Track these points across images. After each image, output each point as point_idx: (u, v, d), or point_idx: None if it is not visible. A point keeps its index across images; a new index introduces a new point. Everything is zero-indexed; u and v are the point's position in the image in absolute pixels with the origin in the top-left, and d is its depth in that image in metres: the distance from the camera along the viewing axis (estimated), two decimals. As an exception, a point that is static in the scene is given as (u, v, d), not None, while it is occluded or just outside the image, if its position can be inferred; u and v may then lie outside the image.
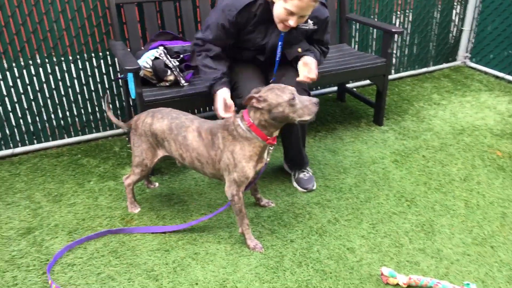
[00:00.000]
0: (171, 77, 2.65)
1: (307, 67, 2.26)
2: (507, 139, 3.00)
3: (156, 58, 2.63)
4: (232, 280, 1.92)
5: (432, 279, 1.84)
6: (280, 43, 2.32)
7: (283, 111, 1.85)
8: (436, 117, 3.34)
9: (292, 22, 2.13)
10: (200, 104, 2.81)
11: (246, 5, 2.20)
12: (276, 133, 1.97)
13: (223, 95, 2.23)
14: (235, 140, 1.93)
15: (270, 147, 2.00)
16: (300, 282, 1.91)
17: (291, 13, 2.10)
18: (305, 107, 1.87)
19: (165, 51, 2.69)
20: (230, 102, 2.21)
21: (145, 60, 2.63)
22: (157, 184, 2.57)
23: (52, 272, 1.96)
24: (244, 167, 1.93)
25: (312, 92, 3.73)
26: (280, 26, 2.22)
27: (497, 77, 4.01)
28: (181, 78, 2.66)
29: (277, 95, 1.84)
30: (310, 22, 2.31)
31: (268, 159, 2.05)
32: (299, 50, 2.38)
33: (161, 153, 2.17)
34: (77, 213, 2.34)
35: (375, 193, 2.49)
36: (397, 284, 1.86)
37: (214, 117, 2.25)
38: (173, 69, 2.65)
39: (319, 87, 3.78)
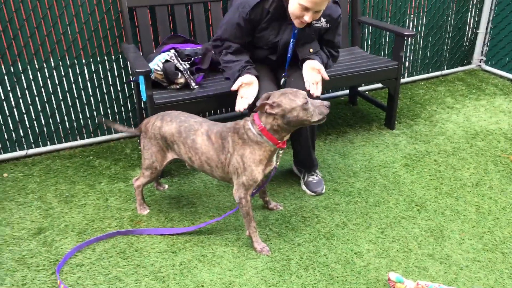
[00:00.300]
0: (182, 80, 2.66)
1: (315, 71, 2.26)
2: (522, 144, 2.95)
3: (167, 61, 2.66)
4: (238, 283, 1.92)
5: (440, 285, 1.81)
6: (292, 40, 2.33)
7: (298, 115, 1.86)
8: (449, 121, 3.30)
9: (307, 17, 2.14)
10: (210, 106, 2.81)
11: (259, 2, 2.21)
12: (286, 137, 1.97)
13: (241, 80, 2.26)
14: (245, 144, 1.93)
15: (280, 151, 2.01)
16: (306, 286, 1.90)
17: (306, 9, 2.11)
18: (318, 108, 1.91)
19: (176, 54, 2.71)
20: (249, 79, 2.24)
21: (156, 63, 2.66)
22: (166, 186, 2.59)
23: (60, 272, 1.99)
24: (253, 171, 1.94)
25: (323, 95, 3.72)
26: (296, 23, 2.23)
27: (513, 80, 3.94)
28: (192, 81, 2.68)
29: (291, 100, 1.85)
30: (323, 20, 2.31)
31: (278, 163, 2.06)
32: (311, 50, 2.38)
33: (170, 156, 2.19)
34: (87, 214, 2.37)
35: (384, 197, 2.47)
36: (405, 290, 1.84)
37: (225, 120, 2.26)
38: (183, 71, 2.66)
39: (330, 90, 3.76)
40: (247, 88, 2.28)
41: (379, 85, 3.88)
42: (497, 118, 3.31)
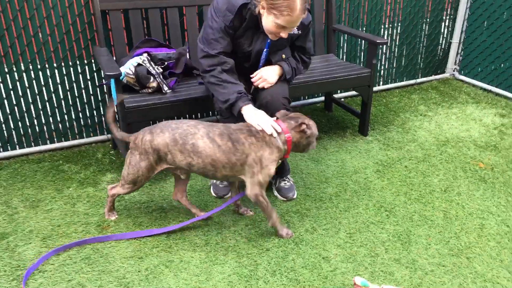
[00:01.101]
0: (154, 84, 2.65)
1: (269, 72, 2.36)
2: (491, 151, 3.00)
3: (139, 64, 2.64)
4: (204, 288, 1.90)
5: (405, 289, 1.82)
6: (266, 49, 2.34)
7: (313, 142, 2.20)
8: (421, 128, 3.34)
9: (283, 34, 2.16)
10: (183, 111, 2.79)
11: (239, 8, 2.20)
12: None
13: (258, 110, 2.19)
14: (266, 146, 2.06)
15: (280, 160, 2.18)
16: (272, 291, 1.89)
17: (282, 27, 2.12)
18: (314, 142, 2.22)
19: (149, 58, 2.69)
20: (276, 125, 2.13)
21: (128, 67, 2.64)
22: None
23: (22, 279, 1.94)
24: (270, 169, 2.08)
25: (299, 102, 3.74)
26: (271, 36, 2.24)
27: (484, 89, 4.02)
28: (164, 85, 2.67)
29: (315, 128, 2.19)
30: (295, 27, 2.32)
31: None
32: (283, 56, 2.41)
33: (159, 168, 2.13)
34: (53, 219, 2.32)
35: (355, 202, 2.48)
36: (370, 294, 1.84)
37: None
38: (156, 76, 2.65)
39: (306, 97, 3.79)
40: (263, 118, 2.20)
41: (355, 92, 3.92)
42: (468, 126, 3.37)
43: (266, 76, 2.36)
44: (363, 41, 3.76)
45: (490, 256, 2.08)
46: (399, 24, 3.91)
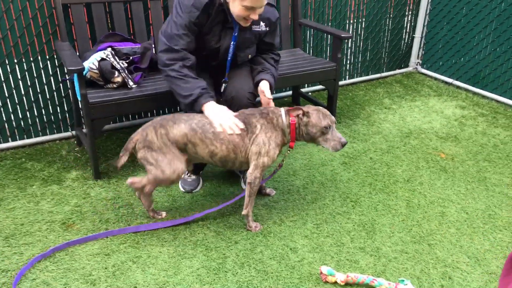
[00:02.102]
0: (119, 79, 2.61)
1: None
2: (451, 142, 3.11)
3: (102, 59, 2.59)
4: (172, 282, 1.90)
5: (369, 276, 1.87)
6: (233, 42, 2.31)
7: (315, 133, 2.12)
8: (386, 120, 3.42)
9: (254, 16, 2.16)
10: (149, 106, 2.77)
11: (205, 5, 2.18)
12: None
13: (221, 106, 2.18)
14: (273, 128, 2.11)
15: (288, 151, 2.24)
16: (241, 283, 1.91)
17: (251, 8, 2.12)
18: (333, 141, 2.12)
19: (113, 53, 2.65)
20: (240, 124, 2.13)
21: (92, 61, 2.59)
22: (164, 214, 2.34)
23: (-17, 279, 1.89)
24: (275, 153, 2.12)
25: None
26: (242, 23, 2.23)
27: (446, 82, 4.15)
28: (129, 80, 2.63)
29: (319, 118, 2.10)
30: (262, 24, 2.33)
31: (284, 161, 2.33)
32: (249, 56, 2.42)
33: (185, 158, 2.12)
34: (15, 218, 2.27)
35: (321, 194, 2.52)
36: (336, 282, 1.88)
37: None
38: (120, 70, 2.61)
39: (274, 91, 3.80)
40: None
41: (321, 86, 3.97)
42: (430, 118, 3.48)
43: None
44: (329, 36, 3.81)
45: (450, 242, 2.16)
46: (364, 19, 3.98)
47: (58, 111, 3.01)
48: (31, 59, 2.81)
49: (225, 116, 2.12)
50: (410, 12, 4.24)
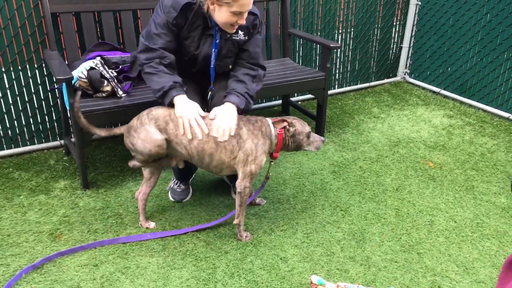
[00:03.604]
0: (108, 88, 2.60)
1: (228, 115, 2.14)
2: (439, 151, 3.14)
3: (92, 68, 2.58)
4: (162, 293, 1.88)
5: (359, 285, 1.87)
6: (214, 50, 2.27)
7: (302, 139, 2.21)
8: (375, 129, 3.45)
9: (241, 21, 2.14)
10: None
11: (183, 7, 2.17)
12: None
13: (193, 102, 2.13)
14: (260, 135, 2.13)
15: (272, 162, 2.29)
16: (231, 293, 1.90)
17: (239, 13, 2.11)
18: (315, 142, 2.24)
19: (102, 62, 2.64)
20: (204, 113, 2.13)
21: (81, 70, 2.58)
22: (152, 224, 2.33)
23: (-32, 291, 1.85)
24: (262, 160, 2.13)
25: (256, 105, 3.77)
26: (229, 30, 2.20)
27: (433, 92, 4.20)
28: (119, 89, 2.62)
29: (302, 126, 2.21)
30: (241, 33, 2.28)
31: (270, 173, 2.33)
32: (230, 66, 2.37)
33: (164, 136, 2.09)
34: (2, 229, 2.23)
35: (311, 203, 2.53)
36: (326, 292, 1.88)
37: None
38: (110, 79, 2.60)
39: (264, 100, 3.82)
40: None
41: (311, 95, 4.00)
42: (418, 127, 3.51)
43: (222, 124, 2.09)
44: (318, 45, 3.84)
45: (439, 251, 2.18)
46: (352, 29, 4.03)
47: (47, 120, 2.99)
48: (19, 67, 2.79)
49: (191, 110, 2.08)
50: (398, 23, 4.30)
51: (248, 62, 2.33)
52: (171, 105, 2.12)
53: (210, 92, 2.40)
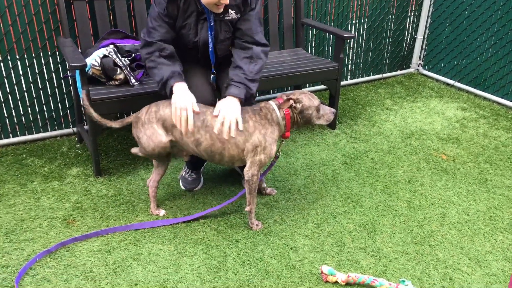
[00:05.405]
0: (121, 76, 2.61)
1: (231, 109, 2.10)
2: (453, 143, 3.11)
3: (105, 56, 2.59)
4: (173, 280, 1.90)
5: (370, 276, 1.87)
6: (210, 33, 2.26)
7: (311, 114, 2.15)
8: (387, 121, 3.42)
9: (225, 1, 2.10)
10: (151, 103, 2.76)
11: None
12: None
13: (190, 94, 2.10)
14: (267, 124, 2.10)
15: (283, 141, 2.25)
16: (241, 281, 1.91)
17: None
18: (326, 114, 2.20)
19: (115, 50, 2.65)
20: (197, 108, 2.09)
21: (94, 58, 2.58)
22: (163, 212, 2.34)
23: (-16, 274, 1.88)
24: (272, 150, 2.11)
25: (268, 96, 3.75)
26: (215, 10, 2.16)
27: (447, 84, 4.15)
28: (131, 77, 2.63)
29: (310, 100, 2.15)
30: (232, 11, 2.24)
31: (280, 153, 2.29)
32: (230, 48, 2.36)
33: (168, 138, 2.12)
34: (16, 214, 2.26)
35: (322, 194, 2.52)
36: (336, 282, 1.88)
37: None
38: (123, 67, 2.61)
39: (276, 90, 3.81)
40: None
41: (323, 86, 3.97)
42: (431, 119, 3.48)
43: (228, 116, 2.05)
44: (331, 36, 3.81)
45: (451, 244, 2.16)
46: (366, 19, 3.98)
47: (60, 107, 3.01)
48: (33, 55, 2.81)
49: (186, 102, 2.05)
50: (412, 14, 4.24)
51: (243, 41, 2.26)
52: (171, 94, 2.12)
53: (212, 75, 2.39)
